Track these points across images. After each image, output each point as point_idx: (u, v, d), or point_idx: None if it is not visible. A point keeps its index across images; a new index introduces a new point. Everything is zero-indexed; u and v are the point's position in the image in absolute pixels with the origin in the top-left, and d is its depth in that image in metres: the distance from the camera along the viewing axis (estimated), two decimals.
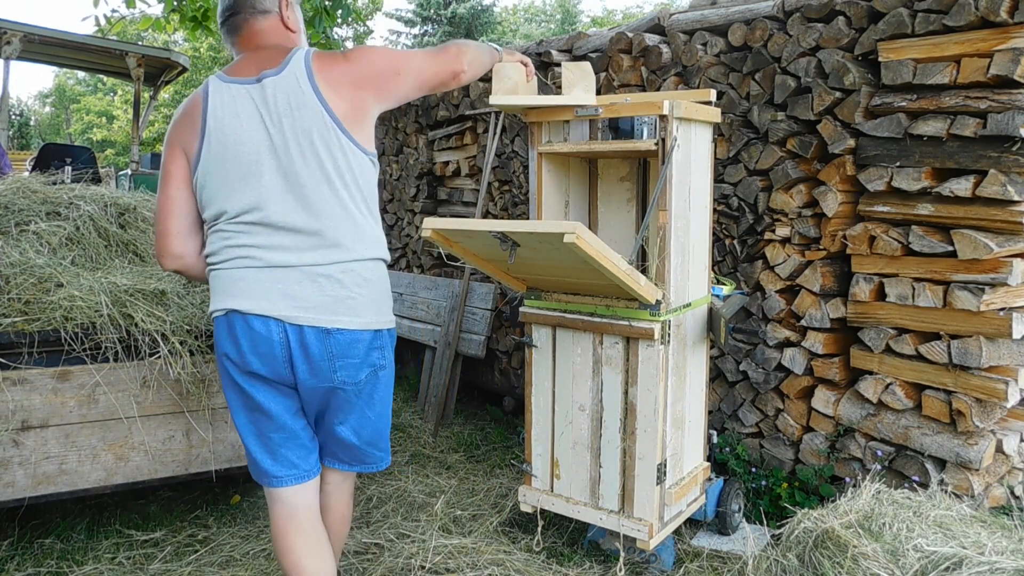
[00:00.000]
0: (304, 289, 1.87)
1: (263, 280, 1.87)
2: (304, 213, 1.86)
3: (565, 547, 2.80)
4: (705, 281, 2.67)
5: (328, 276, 1.87)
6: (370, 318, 1.93)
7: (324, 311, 1.87)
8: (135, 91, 6.90)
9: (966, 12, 2.48)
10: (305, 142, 1.84)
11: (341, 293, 1.88)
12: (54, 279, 2.71)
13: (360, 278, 1.91)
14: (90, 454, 2.58)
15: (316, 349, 1.88)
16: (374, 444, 2.07)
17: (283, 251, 1.87)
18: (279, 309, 1.86)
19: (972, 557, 1.96)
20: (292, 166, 1.85)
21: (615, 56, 3.62)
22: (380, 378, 1.99)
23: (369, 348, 1.94)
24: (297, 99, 1.84)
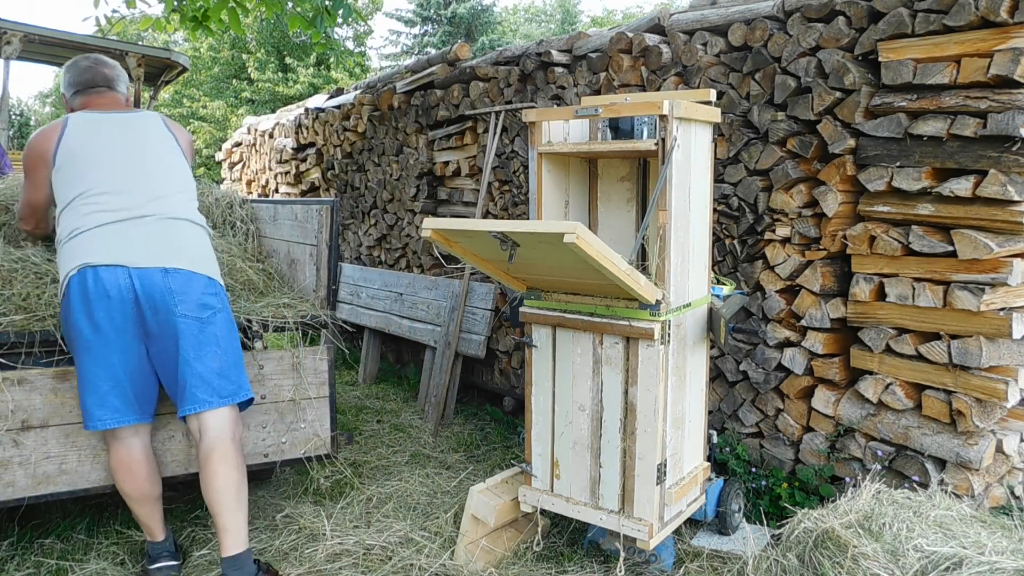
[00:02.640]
0: (144, 240, 2.43)
1: (107, 237, 2.41)
2: (139, 183, 2.52)
3: (565, 547, 2.80)
4: (705, 281, 2.67)
5: (163, 229, 2.48)
6: (201, 266, 2.50)
7: (162, 256, 2.43)
8: (135, 91, 6.90)
9: (966, 12, 2.48)
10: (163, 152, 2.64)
11: (176, 243, 2.48)
12: (51, 275, 2.71)
13: (189, 234, 2.55)
14: (90, 454, 2.58)
15: (157, 290, 2.39)
16: (225, 375, 2.47)
17: (121, 208, 2.46)
18: (123, 257, 2.38)
19: (972, 557, 1.96)
20: (137, 160, 2.56)
21: (615, 56, 3.62)
22: (220, 320, 2.49)
23: (206, 290, 2.47)
24: (150, 123, 2.68)
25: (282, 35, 19.27)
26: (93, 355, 2.38)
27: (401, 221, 5.33)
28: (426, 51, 23.85)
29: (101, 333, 2.36)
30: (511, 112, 4.23)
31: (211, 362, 2.44)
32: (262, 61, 19.53)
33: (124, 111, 2.71)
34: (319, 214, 3.11)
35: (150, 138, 2.64)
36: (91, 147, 2.54)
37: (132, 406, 2.45)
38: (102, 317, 2.35)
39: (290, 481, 3.40)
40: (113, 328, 2.37)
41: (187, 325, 2.41)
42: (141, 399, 2.47)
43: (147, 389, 2.49)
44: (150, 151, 2.61)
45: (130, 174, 2.52)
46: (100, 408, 2.40)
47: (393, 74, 5.56)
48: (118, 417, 2.42)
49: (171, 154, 2.65)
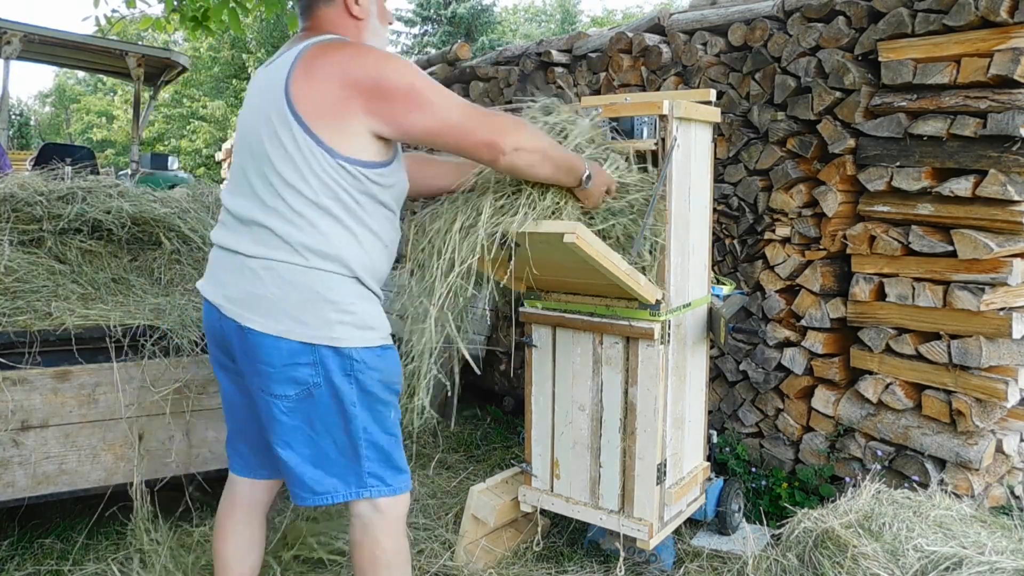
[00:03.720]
0: (232, 277, 1.80)
1: (212, 263, 1.90)
2: (245, 198, 1.79)
3: (565, 547, 2.80)
4: (705, 281, 2.67)
5: (250, 268, 1.76)
6: (291, 325, 1.72)
7: (242, 305, 1.77)
8: (135, 91, 6.90)
9: (966, 12, 2.48)
10: (265, 128, 1.74)
11: (256, 290, 1.75)
12: (48, 281, 2.71)
13: (283, 280, 1.73)
14: (90, 454, 2.58)
15: (237, 343, 1.81)
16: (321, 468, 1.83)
17: (227, 232, 1.84)
18: (214, 295, 1.84)
19: (972, 557, 1.96)
20: (254, 150, 1.78)
21: (615, 56, 3.62)
22: (316, 399, 1.77)
23: (292, 360, 1.74)
24: (270, 82, 1.75)
25: (282, 35, 19.27)
26: (222, 389, 1.99)
27: (401, 222, 5.32)
28: (426, 51, 23.83)
29: (221, 368, 1.97)
30: (511, 112, 4.22)
31: (301, 449, 1.81)
32: (262, 61, 19.55)
33: (289, 47, 1.81)
34: None
35: (261, 113, 1.76)
36: (239, 124, 1.91)
37: (261, 457, 1.99)
38: (213, 352, 1.96)
39: None
40: (222, 368, 1.96)
41: (267, 403, 1.80)
42: (264, 453, 1.97)
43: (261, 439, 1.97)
44: (257, 139, 1.77)
45: (239, 167, 1.85)
46: (229, 446, 2.05)
47: None
48: (242, 464, 2.01)
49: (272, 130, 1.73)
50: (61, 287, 2.79)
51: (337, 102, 1.69)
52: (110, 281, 2.97)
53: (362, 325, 1.79)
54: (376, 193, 1.80)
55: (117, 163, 21.34)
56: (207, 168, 19.19)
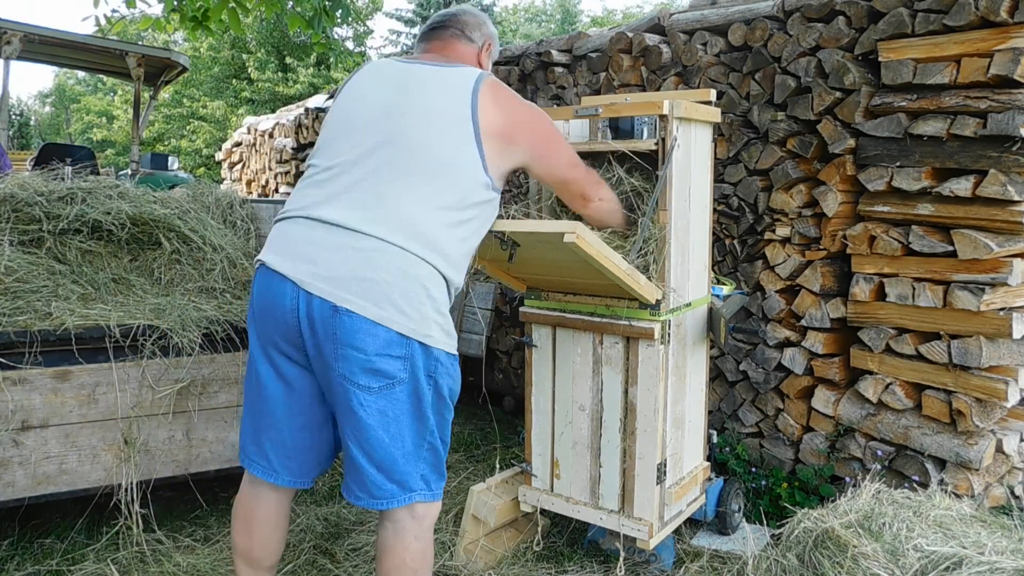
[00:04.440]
0: (329, 256, 1.74)
1: (295, 239, 1.80)
2: (381, 185, 1.77)
3: (565, 547, 2.80)
4: (705, 281, 2.67)
5: (359, 249, 1.72)
6: (392, 314, 1.71)
7: (342, 286, 1.71)
8: (135, 91, 6.89)
9: (966, 12, 2.48)
10: (432, 116, 1.81)
11: (365, 273, 1.71)
12: (48, 281, 2.72)
13: (394, 266, 1.72)
14: (90, 454, 2.58)
15: (321, 326, 1.73)
16: (388, 470, 1.79)
17: (331, 206, 1.77)
18: (297, 271, 1.75)
19: (972, 557, 1.96)
20: (402, 129, 1.80)
21: (615, 56, 3.62)
22: (396, 394, 1.76)
23: (385, 350, 1.72)
24: (448, 84, 1.85)
25: (282, 35, 19.27)
26: (258, 376, 1.88)
27: None
28: None
29: (266, 353, 1.86)
30: None
31: (370, 449, 1.78)
32: (262, 61, 19.54)
33: (438, 63, 1.94)
34: None
35: (433, 104, 1.82)
36: (354, 102, 1.91)
37: (289, 461, 1.91)
38: (265, 334, 1.84)
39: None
40: (277, 351, 1.84)
41: (344, 392, 1.75)
42: (303, 455, 1.92)
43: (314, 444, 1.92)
44: (414, 123, 1.80)
45: (372, 150, 1.81)
46: (252, 444, 1.93)
47: None
48: (266, 468, 1.92)
49: (448, 135, 1.79)
50: (61, 287, 2.79)
51: (507, 131, 1.88)
52: (110, 281, 2.97)
53: (448, 331, 1.85)
54: (489, 214, 1.94)
55: (117, 163, 21.34)
56: (207, 168, 19.19)
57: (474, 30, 2.10)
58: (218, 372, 2.79)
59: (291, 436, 1.90)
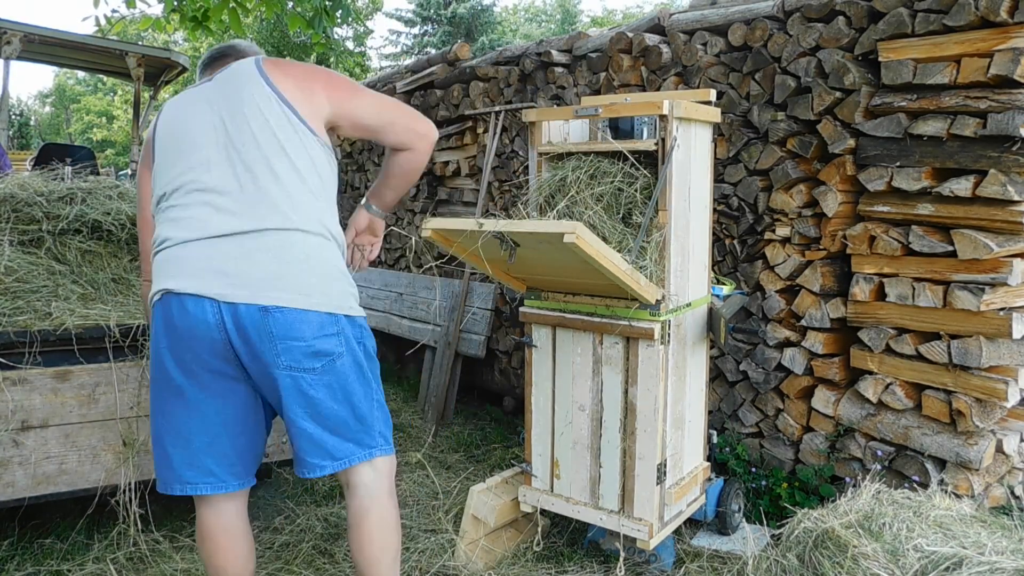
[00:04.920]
0: (239, 265, 1.80)
1: (195, 258, 1.83)
2: (241, 177, 1.85)
3: (565, 547, 2.80)
4: (705, 281, 2.67)
5: (264, 247, 1.81)
6: (317, 297, 1.83)
7: (261, 287, 1.79)
8: (135, 91, 6.89)
9: (966, 12, 2.48)
10: (250, 112, 1.87)
11: (279, 268, 1.81)
12: (49, 281, 2.72)
13: (301, 252, 1.84)
14: (90, 454, 2.58)
15: (254, 331, 1.80)
16: (344, 433, 1.91)
17: (219, 216, 1.83)
18: (212, 287, 1.80)
19: (972, 557, 1.96)
20: (232, 136, 1.87)
21: (615, 56, 3.62)
22: (338, 368, 1.88)
23: (320, 331, 1.84)
24: (242, 78, 1.92)
25: (282, 35, 19.25)
26: (185, 401, 1.89)
27: (401, 221, 5.33)
28: (426, 51, 23.85)
29: (193, 376, 1.88)
30: (511, 112, 4.23)
31: (325, 420, 1.89)
32: None
33: (220, 70, 2.04)
34: None
35: (243, 97, 1.89)
36: (182, 124, 1.97)
37: (233, 468, 1.96)
38: (190, 358, 1.86)
39: (290, 481, 3.40)
40: (206, 371, 1.88)
41: (291, 379, 1.84)
42: (244, 457, 1.98)
43: (253, 444, 1.99)
44: (243, 119, 1.88)
45: (222, 159, 1.88)
46: (190, 469, 1.93)
47: (393, 74, 5.55)
48: (214, 483, 1.94)
49: (269, 118, 1.87)
50: (61, 287, 2.80)
51: (305, 89, 1.91)
52: (110, 281, 2.98)
53: (356, 295, 1.97)
54: (333, 166, 1.99)
55: (117, 163, 21.33)
56: None
57: (248, 50, 2.19)
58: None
59: (232, 445, 1.95)
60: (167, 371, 1.89)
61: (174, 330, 1.85)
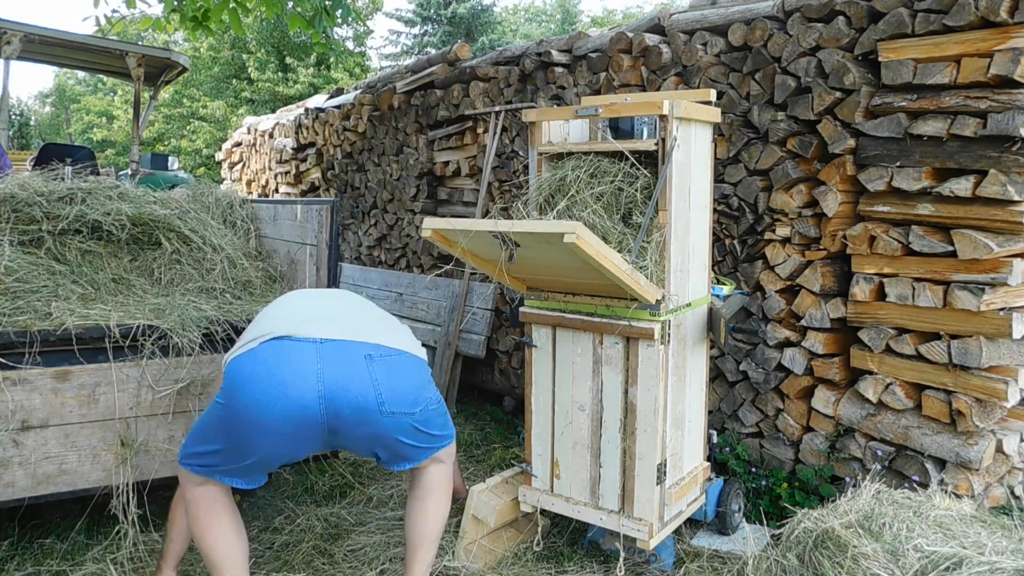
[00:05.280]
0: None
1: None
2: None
3: (565, 547, 2.80)
4: (705, 281, 2.67)
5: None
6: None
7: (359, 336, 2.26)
8: (135, 91, 6.89)
9: (966, 12, 2.48)
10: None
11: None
12: (50, 281, 2.71)
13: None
14: (90, 454, 2.57)
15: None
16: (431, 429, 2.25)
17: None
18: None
19: (972, 557, 1.96)
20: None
21: (615, 56, 3.62)
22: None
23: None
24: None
25: (282, 35, 19.26)
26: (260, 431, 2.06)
27: (401, 221, 5.33)
28: (426, 51, 23.85)
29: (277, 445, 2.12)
30: (511, 112, 4.23)
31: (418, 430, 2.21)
32: (262, 61, 19.53)
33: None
34: (319, 214, 3.11)
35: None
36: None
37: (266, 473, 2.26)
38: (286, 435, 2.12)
39: (290, 482, 3.40)
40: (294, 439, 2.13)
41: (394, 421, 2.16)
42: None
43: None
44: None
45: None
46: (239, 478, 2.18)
47: (393, 74, 5.56)
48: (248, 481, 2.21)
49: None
50: (61, 287, 2.79)
51: None
52: (110, 281, 2.97)
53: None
54: None
55: (117, 163, 21.33)
56: (207, 168, 19.18)
57: None
58: (218, 372, 2.79)
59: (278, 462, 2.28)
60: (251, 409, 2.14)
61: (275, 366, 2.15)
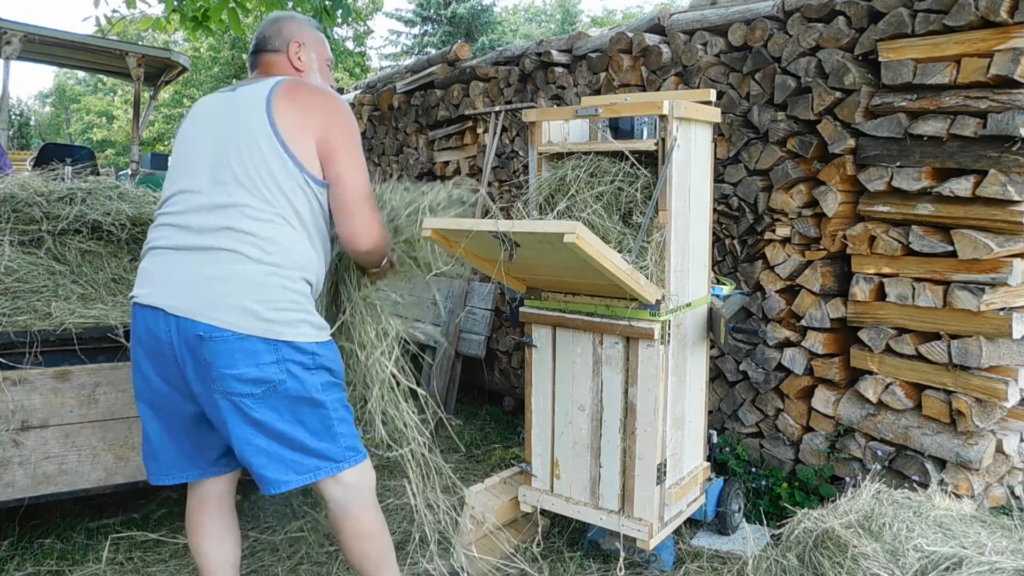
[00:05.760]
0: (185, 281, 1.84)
1: (156, 271, 1.91)
2: (216, 198, 1.88)
3: (565, 547, 2.80)
4: (705, 281, 2.67)
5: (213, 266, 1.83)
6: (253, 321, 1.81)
7: (202, 307, 1.81)
8: (135, 91, 6.90)
9: (966, 12, 2.48)
10: (243, 139, 1.90)
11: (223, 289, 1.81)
12: (50, 281, 2.71)
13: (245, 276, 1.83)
14: (90, 454, 2.58)
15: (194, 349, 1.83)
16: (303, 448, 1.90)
17: (181, 233, 1.89)
18: (164, 300, 1.85)
19: (972, 557, 1.96)
20: (221, 159, 1.90)
21: (615, 56, 3.62)
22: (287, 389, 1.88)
23: (258, 361, 1.82)
24: (250, 102, 1.94)
25: None
26: (144, 401, 1.98)
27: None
28: (426, 51, 23.85)
29: (149, 382, 1.94)
30: (511, 112, 4.23)
31: (274, 437, 1.88)
32: None
33: (250, 83, 2.05)
34: None
35: (246, 122, 1.92)
36: (191, 137, 2.02)
37: (193, 460, 2.03)
38: (147, 366, 1.93)
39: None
40: (160, 378, 1.93)
41: (230, 404, 1.85)
42: (206, 451, 2.03)
43: (212, 441, 2.02)
44: (236, 146, 1.90)
45: (206, 179, 1.92)
46: (153, 462, 2.03)
47: (393, 74, 5.56)
48: (175, 473, 2.04)
49: (261, 147, 1.89)
50: (61, 287, 2.79)
51: (310, 129, 1.92)
52: (110, 281, 2.97)
53: (319, 324, 1.95)
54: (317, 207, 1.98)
55: (117, 163, 21.34)
56: None
57: (275, 39, 2.13)
58: None
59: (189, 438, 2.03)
60: (134, 370, 1.98)
61: (136, 334, 1.94)
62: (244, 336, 1.80)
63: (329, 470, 1.94)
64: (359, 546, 2.01)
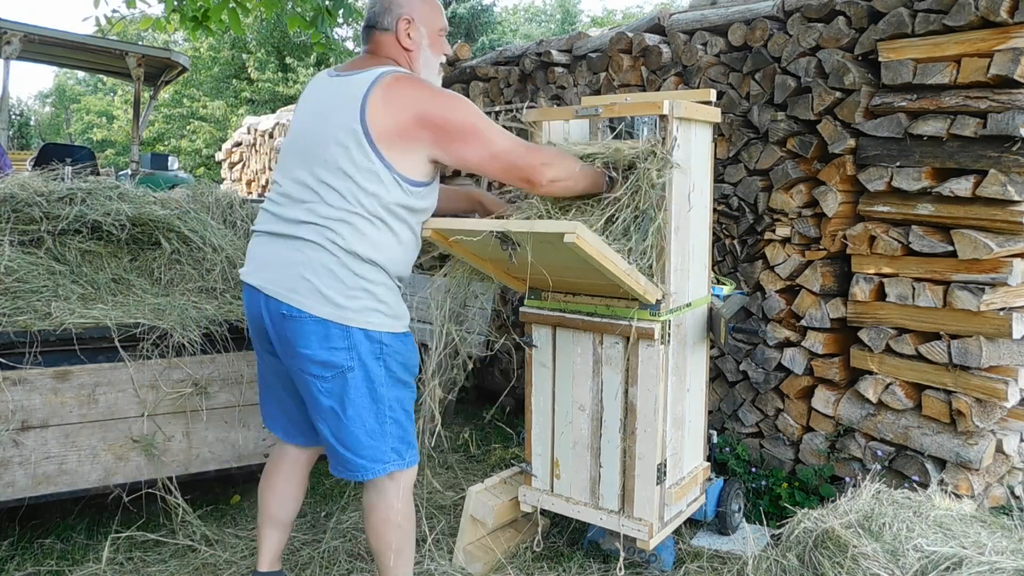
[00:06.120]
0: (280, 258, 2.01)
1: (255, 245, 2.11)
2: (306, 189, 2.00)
3: (565, 547, 2.80)
4: (705, 281, 2.67)
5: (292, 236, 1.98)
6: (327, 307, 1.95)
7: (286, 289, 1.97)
8: (135, 91, 6.90)
9: (966, 12, 2.48)
10: (334, 137, 1.96)
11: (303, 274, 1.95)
12: (50, 281, 2.71)
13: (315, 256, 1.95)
14: (90, 454, 2.57)
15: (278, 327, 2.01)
16: (352, 448, 2.03)
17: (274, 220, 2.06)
18: (256, 278, 2.05)
19: (972, 557, 1.96)
20: (312, 149, 2.00)
21: (615, 56, 3.62)
22: (349, 381, 1.99)
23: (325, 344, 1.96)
24: (346, 102, 1.97)
25: (282, 35, 19.26)
26: (260, 368, 2.24)
27: None
28: None
29: (258, 351, 2.20)
30: (511, 112, 4.23)
31: (334, 431, 2.04)
32: (262, 61, 19.53)
33: (350, 72, 2.06)
34: None
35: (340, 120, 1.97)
36: (296, 122, 2.14)
37: (295, 425, 2.23)
38: (254, 336, 2.17)
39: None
40: (262, 348, 2.16)
41: (305, 381, 2.01)
42: (300, 424, 2.22)
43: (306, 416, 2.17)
44: (326, 141, 1.98)
45: (298, 171, 2.03)
46: (266, 407, 2.30)
47: None
48: (277, 428, 2.28)
49: (348, 146, 1.94)
50: (61, 287, 2.79)
51: (406, 130, 1.96)
52: (110, 281, 2.97)
53: (392, 314, 2.06)
54: (425, 205, 2.09)
55: (117, 163, 21.32)
56: (207, 168, 19.18)
57: (385, 16, 2.12)
58: (218, 372, 2.79)
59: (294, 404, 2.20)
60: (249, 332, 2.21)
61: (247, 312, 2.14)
62: (320, 319, 1.94)
63: (376, 471, 2.06)
64: (386, 532, 2.11)
